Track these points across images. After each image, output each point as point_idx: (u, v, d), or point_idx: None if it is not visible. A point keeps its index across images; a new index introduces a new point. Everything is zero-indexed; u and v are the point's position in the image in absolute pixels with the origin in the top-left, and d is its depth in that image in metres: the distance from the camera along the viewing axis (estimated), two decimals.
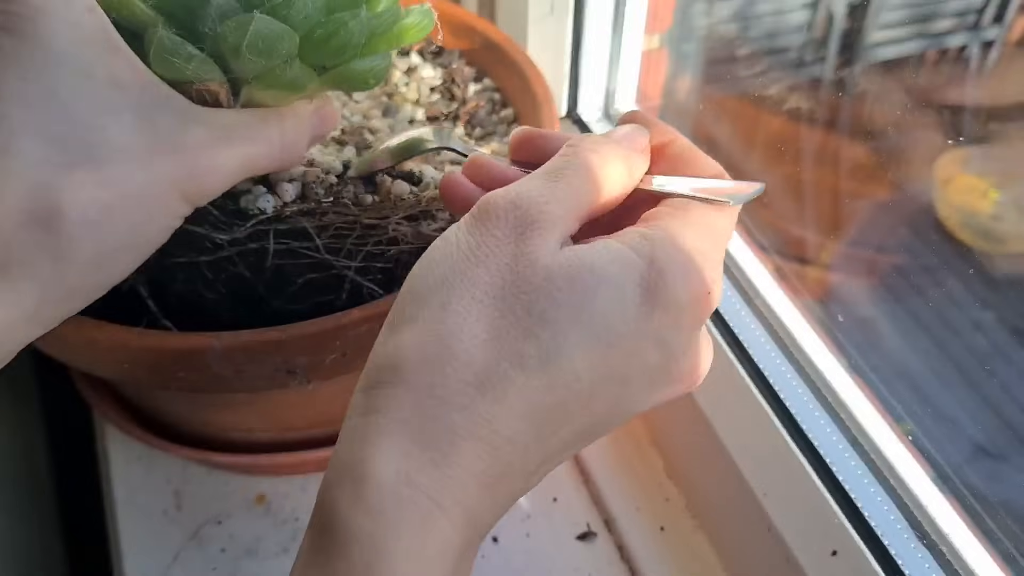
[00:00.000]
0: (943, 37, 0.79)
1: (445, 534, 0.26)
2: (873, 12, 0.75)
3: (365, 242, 0.42)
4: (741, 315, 0.53)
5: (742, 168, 0.69)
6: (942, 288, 0.61)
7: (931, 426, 0.49)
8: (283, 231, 0.40)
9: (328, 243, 0.41)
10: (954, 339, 0.61)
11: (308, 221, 0.41)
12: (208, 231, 0.39)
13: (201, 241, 0.39)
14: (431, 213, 0.44)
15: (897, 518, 0.44)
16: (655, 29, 0.68)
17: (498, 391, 0.27)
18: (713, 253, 0.30)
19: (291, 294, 0.41)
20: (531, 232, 0.29)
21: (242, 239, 0.40)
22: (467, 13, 0.58)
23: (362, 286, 0.42)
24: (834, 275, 0.64)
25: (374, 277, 0.42)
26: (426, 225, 0.43)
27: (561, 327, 0.28)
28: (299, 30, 0.34)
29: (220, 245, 0.40)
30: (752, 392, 0.50)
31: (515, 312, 0.28)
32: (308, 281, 0.41)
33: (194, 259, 0.40)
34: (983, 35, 0.78)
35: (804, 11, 0.77)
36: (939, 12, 0.79)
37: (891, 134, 0.67)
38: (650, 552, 0.53)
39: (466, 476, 0.27)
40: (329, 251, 0.41)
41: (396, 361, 0.28)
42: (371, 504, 0.26)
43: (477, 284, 0.28)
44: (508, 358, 0.27)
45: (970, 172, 0.74)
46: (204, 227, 0.39)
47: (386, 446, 0.27)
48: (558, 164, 0.31)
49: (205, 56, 0.34)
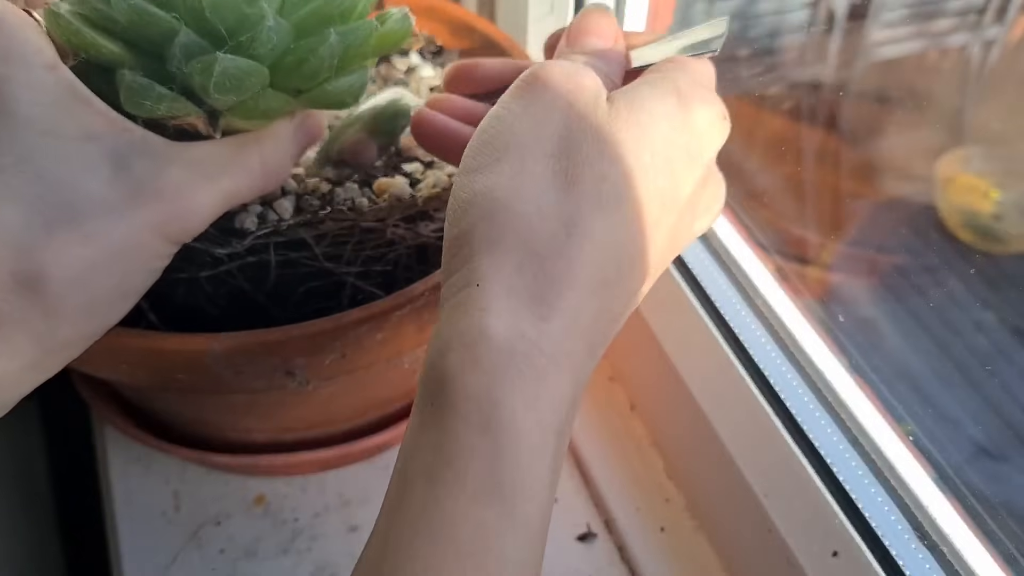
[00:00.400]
0: (944, 37, 0.79)
1: (558, 386, 0.28)
2: (874, 11, 0.75)
3: (364, 247, 0.41)
4: (741, 315, 0.53)
5: (742, 167, 0.69)
6: (943, 288, 0.60)
7: (932, 426, 0.49)
8: (282, 243, 0.41)
9: (327, 251, 0.41)
10: (955, 339, 0.61)
11: (306, 232, 0.41)
12: (207, 246, 0.39)
13: (200, 256, 0.39)
14: (428, 214, 0.43)
15: (898, 519, 0.44)
16: (655, 29, 0.68)
17: (586, 231, 0.29)
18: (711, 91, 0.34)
19: (293, 303, 0.41)
20: (581, 88, 0.31)
21: (241, 253, 0.40)
22: (467, 13, 0.58)
23: (363, 291, 0.42)
24: (835, 275, 0.64)
25: (375, 281, 0.42)
26: (423, 227, 0.43)
27: (627, 164, 0.30)
28: (266, 61, 0.33)
29: (220, 259, 0.40)
30: (752, 392, 0.50)
31: (587, 158, 0.30)
32: (309, 290, 0.41)
33: (194, 275, 0.40)
34: (984, 35, 0.78)
35: (804, 10, 0.77)
36: (940, 11, 0.78)
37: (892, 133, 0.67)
38: (650, 553, 0.53)
39: (573, 327, 0.28)
40: (329, 259, 0.41)
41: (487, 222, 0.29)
42: (485, 363, 0.27)
43: (544, 140, 0.30)
44: (589, 200, 0.29)
45: (971, 172, 0.74)
46: (202, 243, 0.39)
47: (495, 308, 0.28)
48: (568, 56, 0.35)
49: (175, 95, 0.33)
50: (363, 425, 0.53)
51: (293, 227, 0.41)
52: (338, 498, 0.56)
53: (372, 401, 0.51)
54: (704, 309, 0.54)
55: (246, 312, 0.41)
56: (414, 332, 0.42)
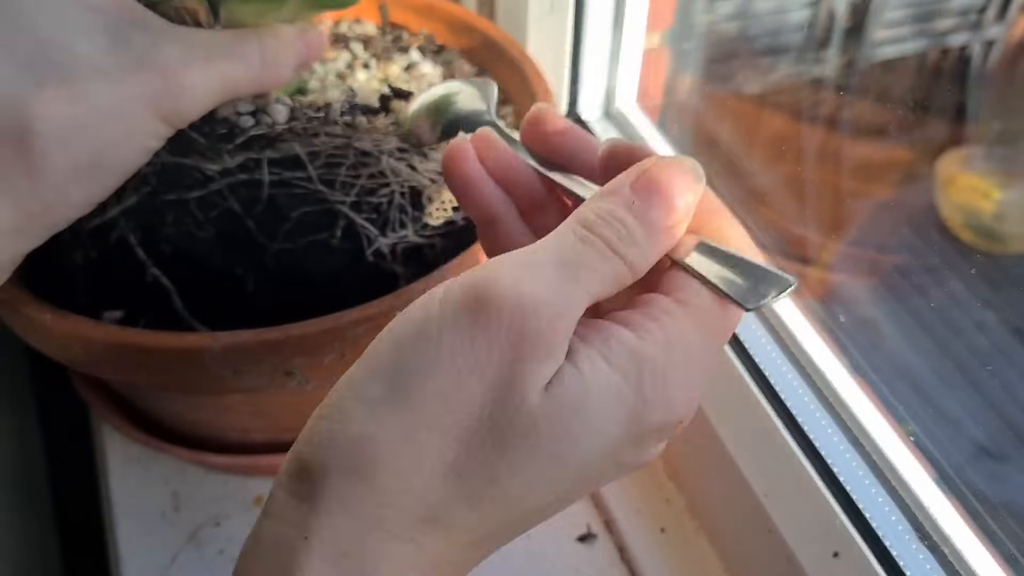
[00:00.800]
0: (945, 36, 0.79)
1: None
2: (875, 11, 0.75)
3: (359, 175, 0.41)
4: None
5: (744, 167, 0.69)
6: (944, 288, 0.60)
7: (933, 427, 0.49)
8: (275, 160, 0.40)
9: (321, 173, 0.40)
10: (956, 339, 0.61)
11: (300, 144, 0.40)
12: (197, 162, 0.39)
13: (190, 174, 0.39)
14: (425, 152, 0.43)
15: (899, 519, 0.44)
16: (656, 28, 0.68)
17: (447, 526, 0.25)
18: (709, 359, 0.28)
19: (285, 232, 0.40)
20: (529, 356, 0.25)
21: (233, 169, 0.39)
22: (467, 12, 0.58)
23: (355, 223, 0.41)
24: (836, 275, 0.64)
25: (367, 216, 0.41)
26: (418, 162, 0.42)
27: (531, 477, 0.25)
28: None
29: (211, 177, 0.39)
30: (753, 393, 0.50)
31: (487, 455, 0.25)
32: (301, 218, 0.40)
33: (183, 196, 0.39)
34: (985, 34, 0.78)
35: (805, 9, 0.77)
36: (941, 11, 0.78)
37: (893, 133, 0.67)
38: (651, 553, 0.53)
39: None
40: (323, 183, 0.40)
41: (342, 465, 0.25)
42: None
43: (452, 409, 0.25)
44: (467, 498, 0.25)
45: (972, 172, 0.74)
46: (192, 158, 0.39)
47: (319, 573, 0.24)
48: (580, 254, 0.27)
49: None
50: None
51: (287, 134, 0.40)
52: None
53: None
54: None
55: (237, 244, 0.40)
56: None
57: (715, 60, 0.78)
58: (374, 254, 0.42)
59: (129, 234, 0.40)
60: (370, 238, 0.41)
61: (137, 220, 0.40)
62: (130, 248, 0.40)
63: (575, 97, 0.67)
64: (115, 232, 0.40)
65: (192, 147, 0.39)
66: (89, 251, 0.41)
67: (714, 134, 0.72)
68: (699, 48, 0.77)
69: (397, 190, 0.42)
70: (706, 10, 0.76)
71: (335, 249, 0.40)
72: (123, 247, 0.41)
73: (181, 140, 0.39)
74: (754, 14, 0.77)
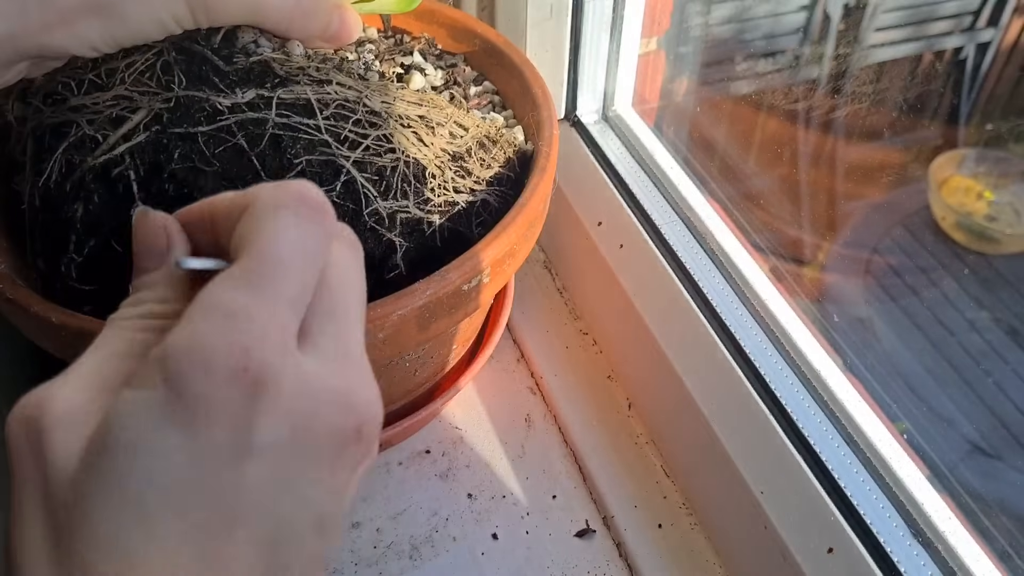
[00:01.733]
0: (939, 39, 0.80)
1: None
2: (869, 15, 0.76)
3: (366, 134, 0.41)
4: (738, 315, 0.54)
5: (740, 168, 0.70)
6: (937, 288, 0.61)
7: (926, 425, 0.49)
8: (285, 102, 0.40)
9: (328, 124, 0.40)
10: (949, 339, 0.62)
11: (311, 90, 0.40)
12: (208, 95, 0.39)
13: (201, 106, 0.39)
14: (434, 126, 0.44)
15: (893, 516, 0.45)
16: (653, 32, 0.69)
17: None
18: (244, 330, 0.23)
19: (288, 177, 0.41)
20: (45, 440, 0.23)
21: (242, 105, 0.39)
22: (467, 16, 0.58)
23: (356, 181, 0.41)
24: (830, 275, 0.64)
25: (369, 177, 0.41)
26: (426, 134, 0.43)
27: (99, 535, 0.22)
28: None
29: (220, 111, 0.39)
30: (749, 391, 0.50)
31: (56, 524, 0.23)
32: (305, 165, 0.40)
33: (191, 130, 0.39)
34: (978, 37, 0.79)
35: (800, 14, 0.77)
36: (935, 14, 0.79)
37: (887, 135, 0.68)
38: (648, 549, 0.54)
39: None
40: (329, 133, 0.40)
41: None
42: None
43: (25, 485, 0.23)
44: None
45: (965, 173, 0.75)
46: (204, 90, 0.39)
47: None
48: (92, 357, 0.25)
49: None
50: None
51: (300, 75, 0.40)
52: None
53: None
54: (701, 309, 0.55)
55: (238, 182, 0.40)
56: (416, 332, 0.42)
57: (711, 64, 0.78)
58: (372, 216, 0.41)
59: (131, 172, 0.40)
60: (369, 198, 0.40)
61: (143, 158, 0.40)
62: (130, 195, 0.40)
63: (573, 101, 0.68)
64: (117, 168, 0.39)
65: (207, 76, 0.39)
66: (90, 196, 0.41)
67: (710, 136, 0.72)
68: (695, 52, 0.77)
69: (402, 158, 0.42)
70: (702, 14, 0.76)
71: (334, 204, 0.40)
72: (125, 191, 0.40)
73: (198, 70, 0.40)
74: (749, 18, 0.78)
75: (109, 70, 0.40)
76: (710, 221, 0.59)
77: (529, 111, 0.52)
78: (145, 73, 0.40)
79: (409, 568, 0.53)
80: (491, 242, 0.43)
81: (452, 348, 0.53)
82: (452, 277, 0.42)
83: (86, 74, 0.40)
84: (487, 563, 0.53)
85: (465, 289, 0.43)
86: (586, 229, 0.63)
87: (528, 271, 0.70)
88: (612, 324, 0.62)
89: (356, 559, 0.54)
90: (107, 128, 0.39)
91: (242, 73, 0.40)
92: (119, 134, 0.39)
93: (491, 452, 0.59)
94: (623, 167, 0.64)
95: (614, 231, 0.61)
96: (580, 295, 0.67)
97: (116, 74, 0.40)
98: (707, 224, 0.58)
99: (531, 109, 0.51)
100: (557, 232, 0.67)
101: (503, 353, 0.65)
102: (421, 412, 0.54)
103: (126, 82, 0.39)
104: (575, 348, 0.64)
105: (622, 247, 0.60)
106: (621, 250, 0.60)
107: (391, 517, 0.56)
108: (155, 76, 0.40)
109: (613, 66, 0.66)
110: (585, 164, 0.65)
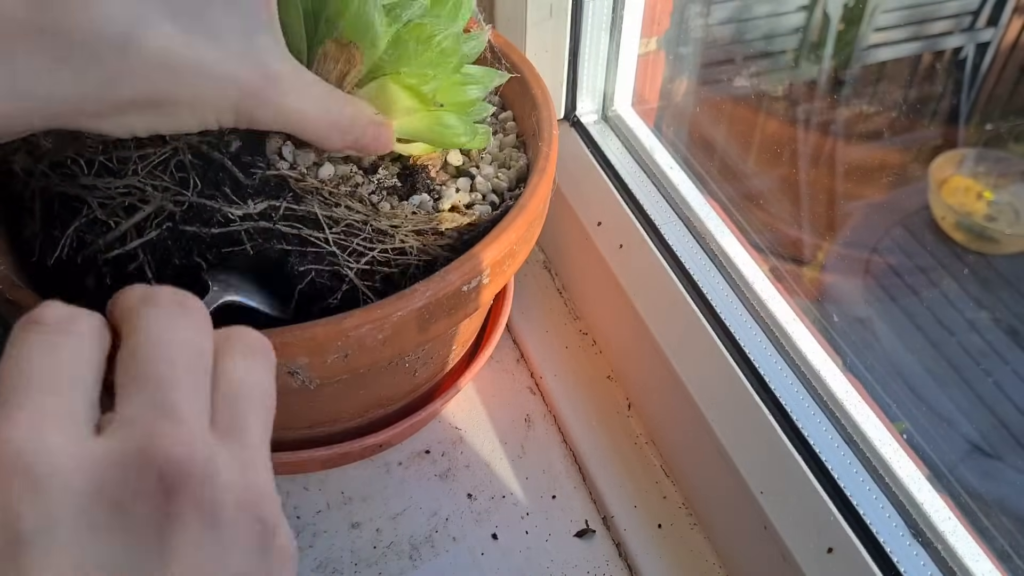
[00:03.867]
0: (938, 39, 0.80)
1: None
2: (868, 15, 0.76)
3: (373, 246, 0.42)
4: (738, 315, 0.54)
5: (739, 169, 0.70)
6: (937, 288, 0.61)
7: (926, 425, 0.49)
8: (296, 215, 0.41)
9: (337, 237, 0.41)
10: (949, 339, 0.62)
11: (320, 207, 0.41)
12: (222, 205, 0.40)
13: (213, 215, 0.40)
14: (440, 231, 0.44)
15: (892, 516, 0.45)
16: (652, 32, 0.69)
17: None
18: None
19: (285, 275, 0.42)
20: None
21: (254, 215, 0.40)
22: None
23: (359, 290, 0.42)
24: (829, 275, 0.64)
25: (373, 285, 0.42)
26: (433, 240, 0.43)
27: None
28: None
29: (231, 220, 0.40)
30: (749, 391, 0.50)
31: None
32: (309, 273, 0.41)
33: (202, 231, 0.40)
34: (978, 37, 0.79)
35: (800, 14, 0.77)
36: (934, 14, 0.79)
37: (886, 135, 0.68)
38: (648, 549, 0.54)
39: None
40: (337, 246, 0.41)
41: None
42: None
43: None
44: None
45: (965, 173, 0.75)
46: (218, 200, 0.40)
47: None
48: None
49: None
50: (364, 424, 0.54)
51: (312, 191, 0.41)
52: (339, 496, 0.57)
53: (373, 401, 0.52)
54: (700, 309, 0.55)
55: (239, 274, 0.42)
56: (416, 333, 0.42)
57: (710, 64, 0.78)
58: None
59: (145, 266, 0.41)
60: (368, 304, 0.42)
61: (155, 254, 0.41)
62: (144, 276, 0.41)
63: (573, 101, 0.68)
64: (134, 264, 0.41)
65: (222, 185, 0.40)
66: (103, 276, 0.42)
67: (709, 136, 0.72)
68: (695, 52, 0.77)
69: (412, 263, 0.43)
70: (702, 15, 0.76)
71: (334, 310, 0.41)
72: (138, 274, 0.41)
73: (215, 176, 0.40)
74: (749, 18, 0.78)
75: (121, 158, 0.41)
76: (710, 221, 0.59)
77: (529, 111, 0.52)
78: (159, 166, 0.40)
79: (409, 568, 0.53)
80: (491, 243, 0.43)
81: (452, 349, 0.53)
82: (452, 278, 0.42)
83: (96, 155, 0.41)
84: (487, 563, 0.53)
85: (465, 290, 0.43)
86: (586, 229, 0.63)
87: (528, 271, 0.70)
88: (612, 324, 0.62)
89: (356, 559, 0.54)
90: (119, 215, 0.40)
91: (258, 186, 0.41)
92: (131, 223, 0.40)
93: (491, 452, 0.59)
94: (623, 167, 0.64)
95: (614, 231, 0.61)
96: (580, 295, 0.67)
97: (129, 164, 0.40)
98: (707, 224, 0.58)
99: (531, 109, 0.51)
100: (557, 232, 0.67)
101: (503, 353, 0.65)
102: (421, 412, 0.54)
103: (139, 173, 0.40)
104: (575, 348, 0.65)
105: (622, 247, 0.60)
106: (621, 250, 0.60)
107: (391, 517, 0.56)
108: (168, 171, 0.41)
109: (613, 66, 0.66)
110: (585, 164, 0.65)
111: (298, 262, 0.41)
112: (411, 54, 0.42)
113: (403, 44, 0.42)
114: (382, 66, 0.42)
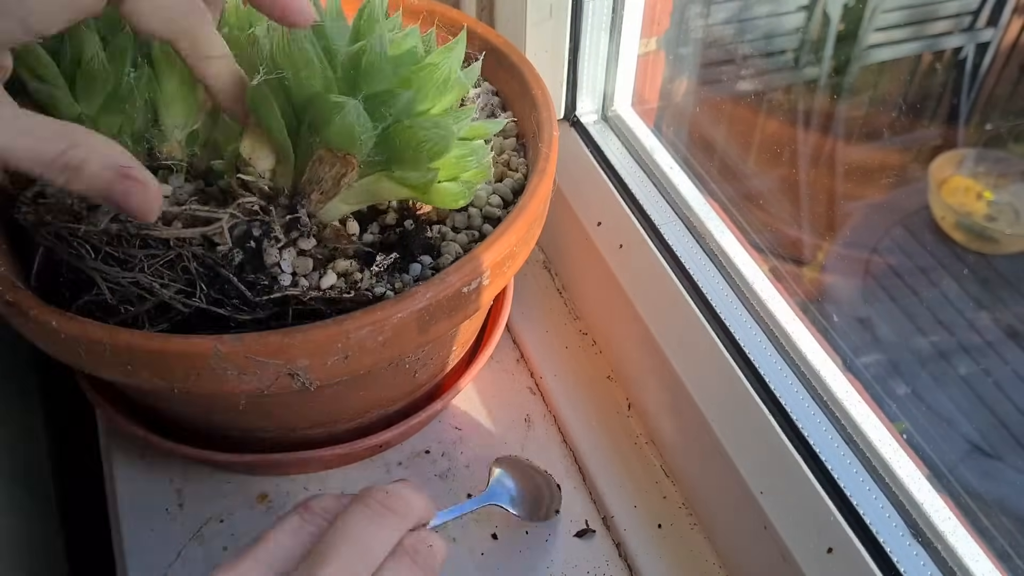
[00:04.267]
0: (938, 39, 0.80)
1: None
2: (868, 15, 0.76)
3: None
4: (737, 315, 0.54)
5: (739, 169, 0.70)
6: (937, 288, 0.61)
7: (926, 425, 0.49)
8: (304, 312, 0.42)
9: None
10: (948, 339, 0.62)
11: (327, 307, 0.42)
12: (231, 313, 0.41)
13: (222, 321, 0.42)
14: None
15: (892, 515, 0.45)
16: (652, 32, 0.69)
17: None
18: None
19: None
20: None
21: (263, 319, 0.42)
22: (466, 17, 0.58)
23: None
24: (829, 275, 0.64)
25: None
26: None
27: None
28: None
29: (242, 324, 0.42)
30: (749, 391, 0.50)
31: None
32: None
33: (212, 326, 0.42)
34: (978, 37, 0.79)
35: (800, 14, 0.77)
36: (934, 14, 0.79)
37: (886, 135, 0.68)
38: (648, 549, 0.54)
39: None
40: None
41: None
42: None
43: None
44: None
45: (965, 173, 0.75)
46: (226, 309, 0.41)
47: None
48: None
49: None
50: (365, 425, 0.54)
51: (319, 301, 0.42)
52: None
53: (374, 401, 0.52)
54: (700, 309, 0.55)
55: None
56: (416, 334, 0.42)
57: (710, 64, 0.78)
58: None
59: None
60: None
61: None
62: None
63: (573, 101, 0.68)
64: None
65: (229, 298, 0.41)
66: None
67: (709, 136, 0.72)
68: (694, 52, 0.77)
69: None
70: (702, 15, 0.76)
71: None
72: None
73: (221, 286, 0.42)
74: (749, 18, 0.78)
75: (127, 254, 0.42)
76: (709, 221, 0.59)
77: (529, 111, 0.52)
78: (165, 265, 0.42)
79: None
80: (491, 244, 0.43)
81: (452, 349, 0.53)
82: (452, 280, 0.42)
83: (102, 245, 0.42)
84: (487, 563, 0.54)
85: (465, 292, 0.43)
86: (586, 229, 0.63)
87: (528, 271, 0.70)
88: (612, 324, 0.62)
89: None
90: (129, 304, 0.42)
91: (265, 304, 0.42)
92: (141, 310, 0.42)
93: (491, 452, 0.59)
94: (623, 167, 0.64)
95: (614, 231, 0.61)
96: (580, 295, 0.67)
97: (135, 262, 0.42)
98: (706, 224, 0.58)
99: (531, 110, 0.51)
100: (557, 232, 0.67)
101: (503, 353, 0.65)
102: (421, 413, 0.54)
103: (145, 271, 0.42)
104: (575, 348, 0.65)
105: (622, 247, 0.60)
106: (621, 250, 0.60)
107: None
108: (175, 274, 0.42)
109: (612, 66, 0.66)
110: (585, 164, 0.65)
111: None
112: (401, 157, 0.42)
113: (391, 145, 0.42)
114: (373, 164, 0.43)
